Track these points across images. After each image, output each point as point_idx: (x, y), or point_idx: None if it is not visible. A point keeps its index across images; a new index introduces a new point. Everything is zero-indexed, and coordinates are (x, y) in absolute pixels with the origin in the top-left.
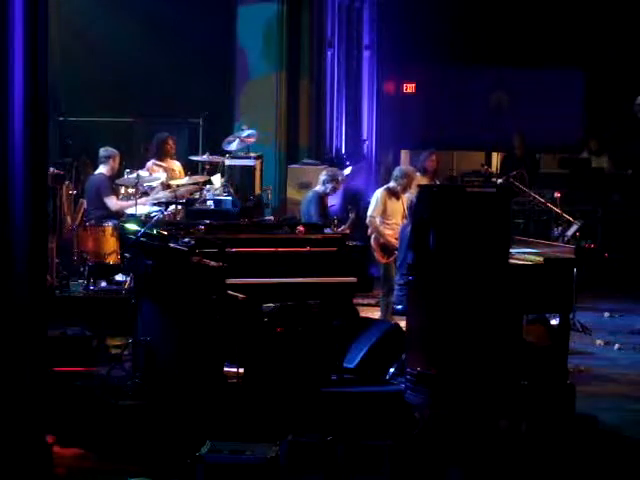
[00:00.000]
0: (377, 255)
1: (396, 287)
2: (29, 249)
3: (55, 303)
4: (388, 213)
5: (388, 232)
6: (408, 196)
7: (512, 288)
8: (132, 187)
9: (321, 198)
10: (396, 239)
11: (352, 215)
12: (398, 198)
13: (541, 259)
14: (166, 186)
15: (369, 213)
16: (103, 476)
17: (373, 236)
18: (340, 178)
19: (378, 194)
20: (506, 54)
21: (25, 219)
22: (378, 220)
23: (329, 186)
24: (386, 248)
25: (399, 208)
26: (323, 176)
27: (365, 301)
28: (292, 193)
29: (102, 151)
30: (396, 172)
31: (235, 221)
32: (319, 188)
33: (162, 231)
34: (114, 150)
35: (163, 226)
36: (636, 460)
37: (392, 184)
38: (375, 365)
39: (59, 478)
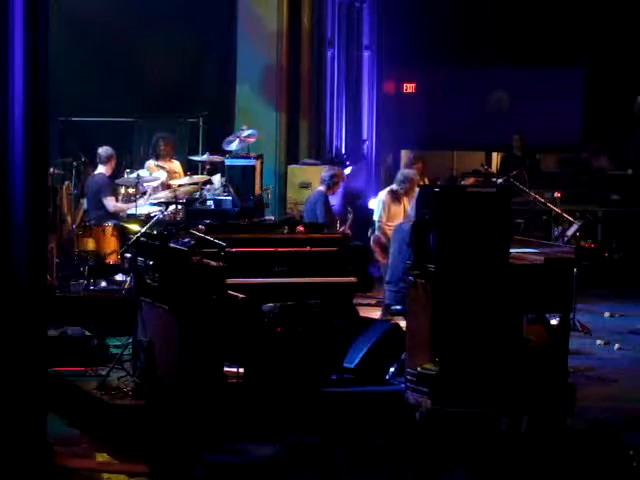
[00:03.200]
0: (377, 255)
1: (387, 287)
2: (29, 249)
3: (55, 303)
4: (390, 215)
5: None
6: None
7: (512, 288)
8: (132, 187)
9: (326, 197)
10: None
11: (350, 216)
12: (400, 201)
13: (541, 259)
14: (166, 186)
15: (376, 218)
16: (103, 476)
17: (373, 237)
18: (339, 173)
19: (383, 197)
20: (506, 54)
21: (25, 219)
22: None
23: (333, 181)
24: (387, 249)
25: (400, 211)
26: (324, 173)
27: (365, 301)
28: (292, 193)
29: (102, 151)
30: (399, 176)
31: (235, 221)
32: (322, 187)
33: (162, 231)
34: (112, 149)
35: (163, 226)
36: (636, 460)
37: (395, 187)
38: (375, 365)
39: (60, 478)
